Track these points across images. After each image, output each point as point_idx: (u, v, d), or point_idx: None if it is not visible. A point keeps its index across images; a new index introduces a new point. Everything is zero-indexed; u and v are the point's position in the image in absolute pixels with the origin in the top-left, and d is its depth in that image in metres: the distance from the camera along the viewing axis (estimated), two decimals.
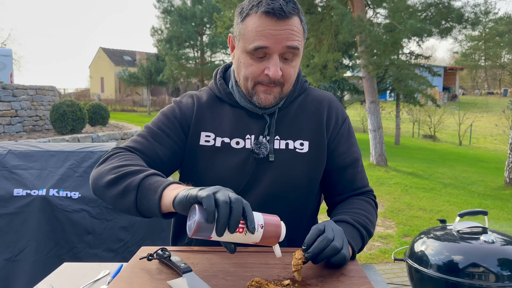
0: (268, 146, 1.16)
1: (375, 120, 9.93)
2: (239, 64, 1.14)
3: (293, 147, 1.19)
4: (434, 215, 5.68)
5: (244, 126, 1.19)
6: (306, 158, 1.19)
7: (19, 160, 2.35)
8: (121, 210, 1.02)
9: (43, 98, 9.70)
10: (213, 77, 1.30)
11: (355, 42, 10.62)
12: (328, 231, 0.93)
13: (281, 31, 1.06)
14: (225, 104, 1.23)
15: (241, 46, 1.11)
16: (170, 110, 1.23)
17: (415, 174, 9.09)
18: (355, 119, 20.84)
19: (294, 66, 1.13)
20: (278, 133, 1.20)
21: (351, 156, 1.25)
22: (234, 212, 0.78)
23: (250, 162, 1.16)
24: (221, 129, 1.19)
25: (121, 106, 29.78)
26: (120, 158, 1.07)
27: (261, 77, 1.11)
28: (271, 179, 1.16)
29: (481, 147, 16.50)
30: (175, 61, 24.30)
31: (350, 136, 1.28)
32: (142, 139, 1.17)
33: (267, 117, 1.20)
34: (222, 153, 1.17)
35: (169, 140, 1.17)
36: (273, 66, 1.07)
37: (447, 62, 56.00)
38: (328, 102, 1.28)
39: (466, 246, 1.74)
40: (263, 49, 1.07)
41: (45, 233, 2.14)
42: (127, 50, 40.28)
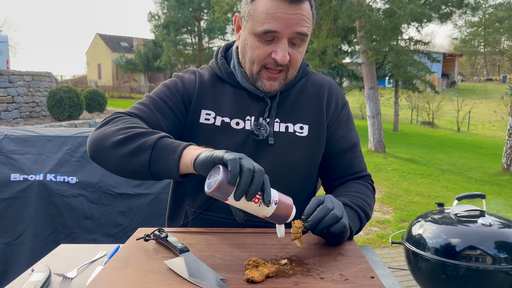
0: (268, 128, 1.16)
1: (374, 106, 9.91)
2: (245, 46, 1.12)
3: (292, 130, 1.19)
4: (432, 201, 5.70)
5: (245, 107, 1.18)
6: (306, 142, 1.19)
7: (16, 145, 2.34)
8: (128, 170, 0.98)
9: (39, 84, 9.64)
10: (214, 56, 1.28)
11: (354, 27, 10.53)
12: (327, 202, 0.94)
13: (293, 16, 1.03)
14: (226, 84, 1.22)
15: (249, 27, 1.09)
16: (173, 83, 1.20)
17: (413, 160, 9.11)
18: (353, 105, 20.80)
19: (301, 51, 1.11)
20: (278, 116, 1.19)
21: (350, 140, 1.25)
22: (255, 181, 0.79)
23: (249, 144, 1.16)
24: (222, 108, 1.18)
25: (119, 93, 29.62)
26: (126, 121, 1.04)
27: (267, 60, 1.09)
28: (270, 162, 1.15)
29: (479, 134, 16.52)
30: (172, 47, 24.12)
31: (349, 121, 1.28)
32: (145, 107, 1.13)
33: (268, 100, 1.19)
34: (221, 132, 1.16)
35: (171, 113, 1.15)
36: (281, 51, 1.06)
37: (446, 48, 55.74)
38: (329, 86, 1.28)
39: (464, 229, 1.75)
40: (272, 33, 1.04)
41: (43, 218, 2.14)
42: (124, 36, 39.94)
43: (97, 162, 1.04)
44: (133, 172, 0.97)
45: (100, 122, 1.07)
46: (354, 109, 20.60)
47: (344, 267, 0.86)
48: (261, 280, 0.78)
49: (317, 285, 0.77)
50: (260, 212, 0.84)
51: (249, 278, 0.78)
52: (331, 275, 0.82)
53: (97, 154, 1.02)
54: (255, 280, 0.77)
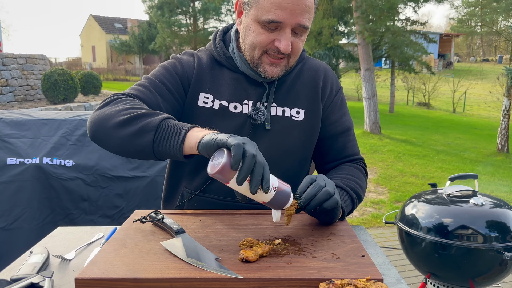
0: (266, 113, 1.17)
1: (370, 88, 9.90)
2: (247, 32, 1.12)
3: (289, 114, 1.20)
4: (426, 181, 5.76)
5: (243, 91, 1.19)
6: (302, 126, 1.21)
7: (11, 128, 2.34)
8: (131, 151, 0.99)
9: (33, 67, 9.54)
10: (212, 39, 1.27)
11: (351, 8, 10.42)
12: (319, 180, 0.96)
13: (297, 6, 1.04)
14: (224, 68, 1.22)
15: (253, 14, 1.08)
16: (171, 65, 1.20)
17: (409, 141, 9.15)
18: (350, 87, 20.75)
19: (303, 40, 1.13)
20: (275, 100, 1.20)
21: (343, 124, 1.27)
22: (257, 167, 0.80)
23: (247, 127, 1.17)
24: (220, 92, 1.19)
25: (113, 75, 29.38)
26: (128, 102, 1.04)
27: (269, 46, 1.09)
28: (267, 146, 1.17)
29: (474, 114, 16.57)
30: (167, 29, 23.80)
31: (343, 106, 1.30)
32: (144, 89, 1.13)
33: (267, 85, 1.20)
34: (219, 116, 1.17)
35: (171, 95, 1.15)
36: (284, 40, 1.06)
37: (443, 29, 55.35)
38: (324, 71, 1.29)
39: (456, 209, 1.78)
40: (276, 23, 1.05)
41: (40, 201, 2.15)
42: (118, 18, 39.36)
43: (98, 143, 1.04)
44: (136, 152, 0.98)
45: (100, 103, 1.07)
46: (350, 91, 20.56)
47: (336, 246, 0.88)
48: (255, 260, 0.80)
49: (309, 264, 0.80)
50: (258, 197, 0.85)
51: (244, 258, 0.80)
52: (323, 254, 0.84)
53: (99, 135, 1.02)
54: (250, 259, 0.80)
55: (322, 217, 1.00)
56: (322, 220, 1.01)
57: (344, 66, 20.35)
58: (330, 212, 0.97)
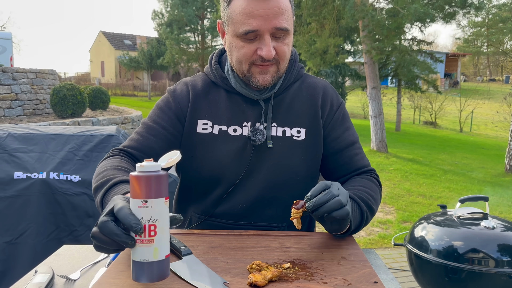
0: (265, 133, 1.16)
1: (376, 106, 9.90)
2: (231, 49, 1.13)
3: (290, 134, 1.19)
4: (434, 201, 5.69)
5: (241, 113, 1.19)
6: (303, 146, 1.19)
7: (19, 143, 2.35)
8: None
9: (43, 82, 9.66)
10: (208, 62, 1.28)
11: (357, 27, 10.50)
12: (333, 187, 0.93)
13: (269, 10, 1.04)
14: (220, 89, 1.22)
15: (231, 30, 1.10)
16: (165, 102, 1.23)
17: (416, 160, 9.09)
18: (356, 105, 20.77)
19: (287, 43, 1.11)
20: (275, 120, 1.19)
21: (346, 139, 1.24)
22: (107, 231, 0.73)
23: (248, 149, 1.16)
24: (218, 116, 1.19)
25: (122, 90, 29.66)
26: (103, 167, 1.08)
27: (254, 57, 1.10)
28: (270, 167, 1.16)
29: (481, 134, 16.47)
30: (175, 45, 24.12)
31: (345, 121, 1.27)
32: (137, 136, 1.19)
33: (263, 103, 1.19)
34: (220, 140, 1.17)
35: (165, 132, 1.18)
36: (265, 46, 1.06)
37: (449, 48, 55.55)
38: (323, 88, 1.28)
39: (466, 231, 1.74)
40: (253, 32, 1.05)
41: (45, 216, 2.15)
42: (127, 34, 39.94)
43: None
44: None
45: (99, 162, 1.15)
46: (356, 109, 20.57)
47: (348, 272, 0.86)
48: (264, 285, 0.78)
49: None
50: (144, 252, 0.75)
51: (252, 282, 0.78)
52: (334, 279, 0.82)
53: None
54: (258, 284, 0.77)
55: (329, 224, 0.97)
56: (328, 228, 0.98)
57: (350, 84, 20.43)
58: (338, 221, 0.94)
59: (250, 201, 1.17)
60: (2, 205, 2.13)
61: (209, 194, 1.19)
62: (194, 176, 1.21)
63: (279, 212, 1.19)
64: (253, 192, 1.17)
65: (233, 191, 1.17)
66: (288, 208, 1.20)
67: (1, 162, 2.23)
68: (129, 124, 9.53)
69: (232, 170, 1.16)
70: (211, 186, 1.19)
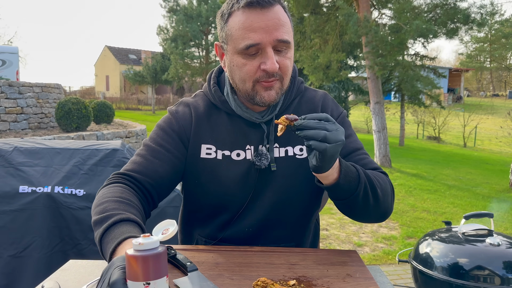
0: (269, 156, 1.14)
1: (380, 121, 9.91)
2: (232, 68, 1.09)
3: (292, 153, 1.17)
4: (438, 217, 5.65)
5: (243, 136, 1.17)
6: (307, 163, 1.16)
7: (25, 157, 2.37)
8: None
9: (48, 96, 9.74)
10: (207, 81, 1.25)
11: (360, 42, 10.59)
12: (331, 125, 0.92)
13: (269, 22, 1.01)
14: (221, 112, 1.20)
15: (231, 48, 1.07)
16: (167, 123, 1.19)
17: (419, 175, 9.06)
18: (359, 119, 20.80)
19: (289, 57, 1.08)
20: (277, 140, 1.17)
21: (349, 146, 1.19)
22: None
23: (252, 173, 1.15)
24: (221, 141, 1.16)
25: (126, 104, 29.85)
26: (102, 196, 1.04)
27: (258, 74, 1.06)
28: (275, 189, 1.15)
29: (485, 149, 16.42)
30: (180, 60, 24.37)
31: (346, 129, 1.21)
32: (141, 159, 1.14)
33: (265, 126, 1.17)
34: (223, 165, 1.15)
35: (169, 155, 1.15)
36: (268, 60, 1.03)
37: (452, 63, 55.75)
38: (322, 100, 1.25)
39: (472, 248, 1.73)
40: (255, 46, 1.02)
41: (49, 230, 2.15)
42: (132, 49, 40.38)
43: None
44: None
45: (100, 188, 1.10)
46: (359, 123, 20.59)
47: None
48: None
49: None
50: None
51: None
52: None
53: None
54: None
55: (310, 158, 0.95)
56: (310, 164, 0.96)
57: (354, 99, 20.50)
58: (317, 158, 0.92)
59: (256, 224, 1.16)
60: (7, 219, 2.14)
61: (215, 219, 1.19)
62: (199, 201, 1.20)
63: (286, 233, 1.18)
64: (259, 216, 1.16)
65: (239, 216, 1.17)
66: (294, 227, 1.19)
67: (7, 176, 2.25)
68: (133, 138, 9.57)
69: (238, 195, 1.15)
70: (217, 212, 1.19)
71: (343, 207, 1.08)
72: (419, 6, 9.97)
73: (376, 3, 10.85)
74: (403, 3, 9.04)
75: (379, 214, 1.10)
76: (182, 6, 25.81)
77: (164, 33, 26.24)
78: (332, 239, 4.62)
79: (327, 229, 4.96)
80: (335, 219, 5.35)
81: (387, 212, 1.12)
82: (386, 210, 1.11)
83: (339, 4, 8.99)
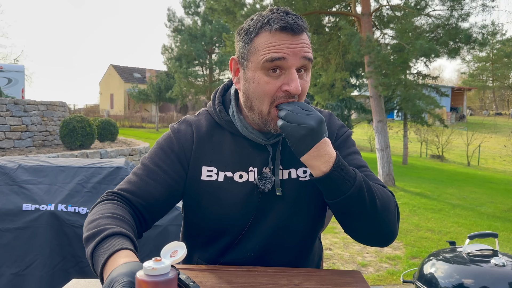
0: (273, 179, 1.12)
1: (383, 139, 9.91)
2: (251, 85, 1.06)
3: (296, 175, 1.15)
4: (443, 237, 5.60)
5: (247, 157, 1.14)
6: (310, 186, 1.14)
7: (29, 175, 2.38)
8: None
9: (53, 114, 9.82)
10: (211, 99, 1.23)
11: (363, 61, 10.69)
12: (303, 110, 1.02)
13: (297, 45, 1.02)
14: (225, 132, 1.17)
15: (253, 62, 1.04)
16: (167, 142, 1.17)
17: (423, 194, 9.01)
18: (362, 137, 20.80)
19: (308, 81, 1.08)
20: (281, 162, 1.15)
21: (352, 162, 1.16)
22: None
23: (255, 196, 1.13)
24: (223, 162, 1.14)
25: (130, 122, 30.04)
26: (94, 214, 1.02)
27: (277, 94, 1.04)
28: (278, 212, 1.13)
29: (489, 168, 16.34)
30: (184, 79, 24.61)
31: (350, 146, 1.21)
32: (135, 178, 1.12)
33: (270, 148, 1.14)
34: (225, 188, 1.13)
35: (166, 176, 1.12)
36: (293, 81, 1.01)
37: (454, 82, 55.97)
38: (327, 119, 1.24)
39: (477, 269, 1.72)
40: (280, 60, 1.01)
41: (52, 248, 2.15)
42: (137, 68, 40.82)
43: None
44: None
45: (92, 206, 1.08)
46: (363, 141, 20.59)
47: None
48: None
49: None
50: None
51: None
52: None
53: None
54: None
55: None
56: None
57: (356, 117, 20.57)
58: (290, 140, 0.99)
59: (258, 249, 1.14)
60: (10, 237, 2.14)
61: (216, 243, 1.17)
62: (199, 224, 1.18)
63: (288, 259, 1.17)
64: (261, 240, 1.14)
65: (240, 240, 1.15)
66: (298, 252, 1.17)
67: (11, 194, 2.26)
68: (137, 155, 9.59)
69: (239, 219, 1.13)
70: (217, 236, 1.17)
71: (338, 214, 1.05)
72: (421, 26, 10.09)
73: (378, 24, 10.98)
74: (405, 23, 9.14)
75: (381, 234, 1.05)
76: (186, 26, 26.22)
77: (168, 52, 26.59)
78: (336, 258, 4.57)
79: (330, 248, 4.91)
80: (339, 238, 5.30)
81: (390, 232, 1.06)
82: (388, 229, 1.05)
83: (341, 24, 9.11)
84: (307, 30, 1.07)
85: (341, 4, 10.82)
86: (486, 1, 9.46)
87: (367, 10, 9.69)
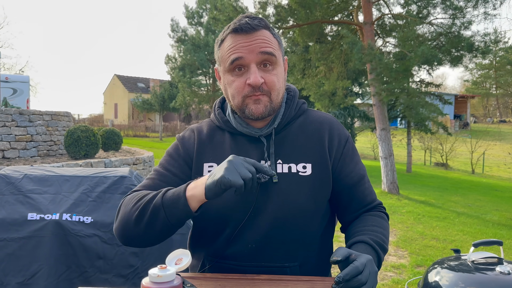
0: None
1: (386, 147, 9.90)
2: (225, 86, 1.20)
3: (295, 170, 1.19)
4: (448, 245, 5.56)
5: (244, 152, 1.22)
6: (310, 181, 1.19)
7: (34, 184, 2.40)
8: (158, 237, 1.10)
9: (58, 124, 9.88)
10: (212, 109, 1.35)
11: (365, 70, 10.72)
12: (364, 274, 0.91)
13: (252, 42, 1.12)
14: (225, 133, 1.28)
15: (223, 68, 1.19)
16: (174, 149, 1.30)
17: (428, 202, 8.96)
18: (365, 145, 20.78)
19: (275, 74, 1.17)
20: (280, 156, 1.21)
21: (358, 174, 1.26)
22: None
23: (253, 187, 1.15)
24: (223, 158, 1.18)
25: (134, 131, 30.15)
26: (133, 198, 1.14)
27: (245, 90, 1.15)
28: (277, 204, 1.16)
29: (494, 176, 16.25)
30: (187, 88, 24.73)
31: (354, 155, 1.29)
32: (149, 181, 1.24)
33: (264, 140, 1.22)
34: None
35: (176, 178, 1.23)
36: (252, 74, 1.12)
37: (457, 90, 55.93)
38: (329, 123, 1.29)
39: (481, 277, 1.71)
40: (238, 60, 1.13)
41: (57, 257, 2.16)
42: (141, 77, 41.06)
43: (135, 246, 1.16)
44: (162, 234, 1.09)
45: (117, 209, 1.19)
46: (366, 149, 20.56)
47: None
48: None
49: None
50: None
51: None
52: None
53: (130, 241, 1.14)
54: None
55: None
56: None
57: (360, 125, 20.55)
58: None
59: (259, 240, 1.17)
60: (15, 246, 2.15)
61: (219, 236, 1.21)
62: (203, 218, 1.22)
63: (290, 251, 1.19)
64: (261, 231, 1.17)
65: (241, 231, 1.18)
66: (299, 246, 1.19)
67: (16, 203, 2.28)
68: (141, 165, 9.62)
69: (239, 209, 1.17)
70: (219, 227, 1.21)
71: None
72: (423, 35, 10.12)
73: (380, 32, 11.03)
74: (407, 32, 9.17)
75: None
76: (190, 36, 26.40)
77: (172, 62, 26.76)
78: None
79: None
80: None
81: None
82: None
83: (344, 33, 9.15)
84: (270, 28, 1.18)
85: (344, 13, 10.89)
86: (488, 10, 9.48)
87: (369, 19, 9.74)
